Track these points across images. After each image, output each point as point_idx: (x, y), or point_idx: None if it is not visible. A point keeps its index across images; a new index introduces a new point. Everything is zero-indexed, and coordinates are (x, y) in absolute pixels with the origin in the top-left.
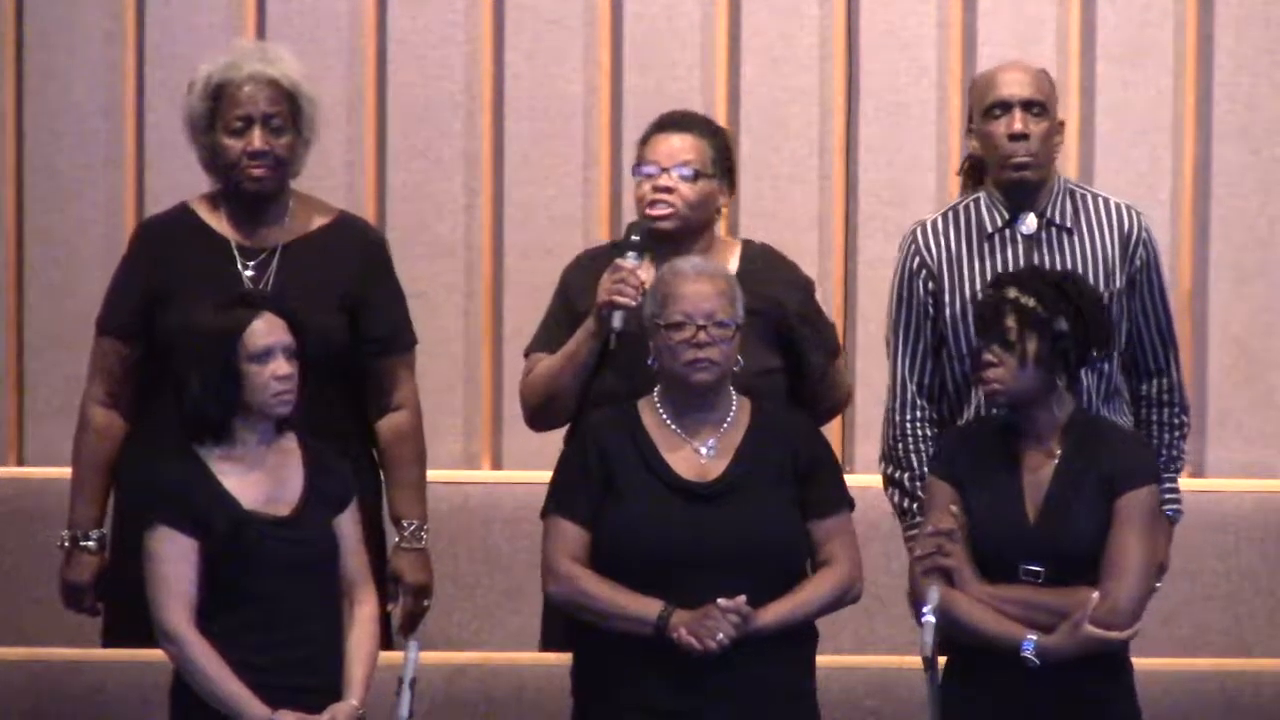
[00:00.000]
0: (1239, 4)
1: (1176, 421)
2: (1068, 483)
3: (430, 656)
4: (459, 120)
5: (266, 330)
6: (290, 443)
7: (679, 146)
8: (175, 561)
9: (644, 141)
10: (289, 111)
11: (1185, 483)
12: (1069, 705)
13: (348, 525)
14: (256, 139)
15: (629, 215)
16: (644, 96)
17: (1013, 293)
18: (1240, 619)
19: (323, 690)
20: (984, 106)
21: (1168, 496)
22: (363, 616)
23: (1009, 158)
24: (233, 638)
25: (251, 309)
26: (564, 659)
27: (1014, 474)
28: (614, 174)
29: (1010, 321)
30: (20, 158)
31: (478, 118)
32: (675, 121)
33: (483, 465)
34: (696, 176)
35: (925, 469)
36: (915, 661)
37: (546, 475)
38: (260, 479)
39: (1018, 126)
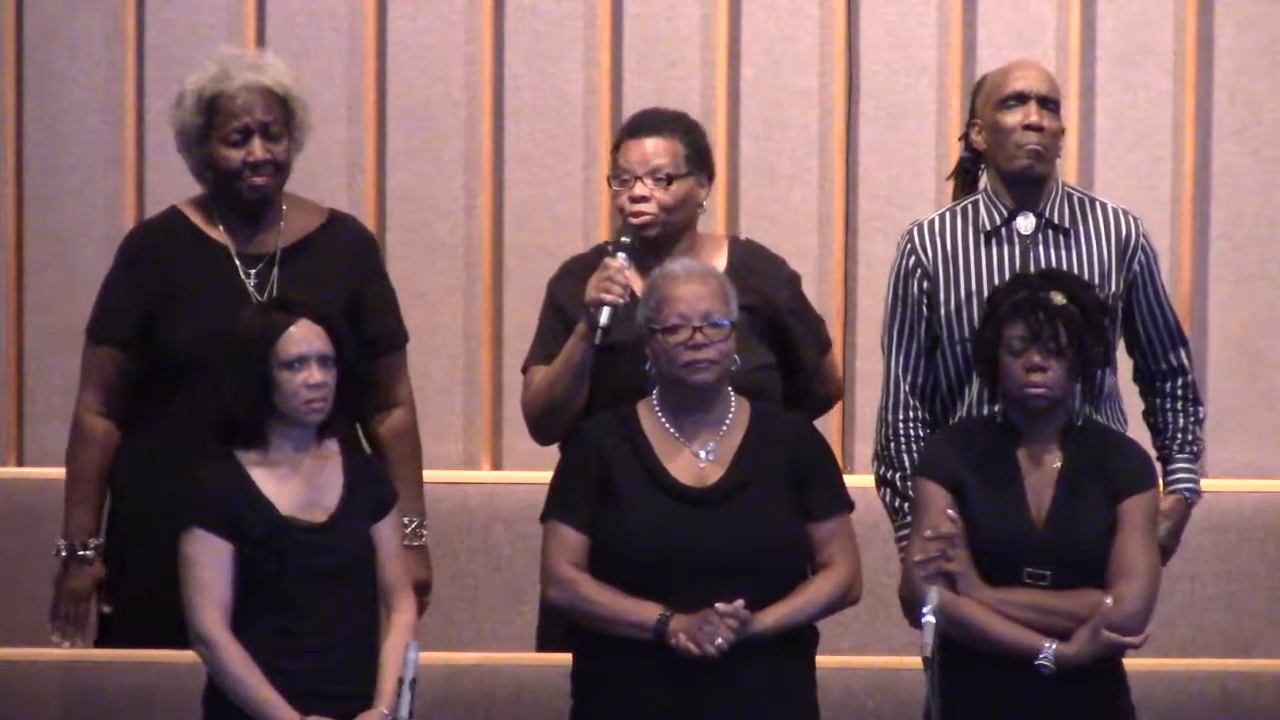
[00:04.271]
0: (1239, 4)
1: (1192, 410)
2: (1073, 487)
3: (430, 656)
4: (459, 120)
5: (301, 337)
6: (332, 449)
7: (650, 151)
8: (210, 565)
9: (616, 148)
10: (283, 117)
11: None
12: (1065, 705)
13: (387, 532)
14: (258, 149)
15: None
16: (644, 96)
17: (1060, 299)
18: (1240, 619)
19: (355, 697)
20: (999, 98)
21: (1185, 476)
22: (399, 624)
23: (1022, 146)
24: (266, 643)
25: (289, 315)
26: (564, 660)
27: (1016, 477)
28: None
29: (1061, 329)
30: (20, 158)
31: (478, 118)
32: (644, 125)
33: (483, 466)
34: (670, 180)
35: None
36: (915, 661)
37: (547, 476)
38: (297, 485)
39: (1034, 118)
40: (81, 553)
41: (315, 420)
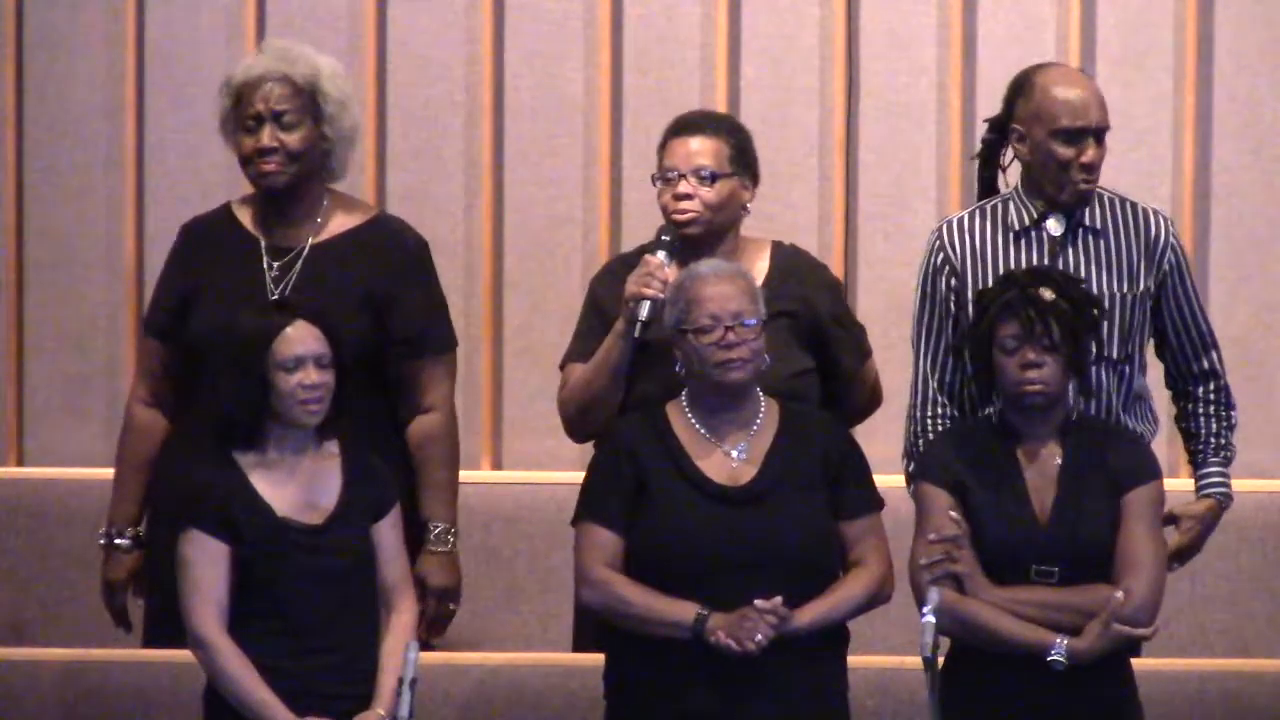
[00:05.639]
0: (1239, 4)
1: (1224, 414)
2: (1075, 482)
3: (430, 656)
4: (459, 121)
5: (298, 339)
6: (331, 450)
7: (695, 150)
8: (206, 566)
9: (661, 147)
10: (304, 107)
11: (1184, 483)
12: (1070, 704)
13: (387, 532)
14: (265, 135)
15: (630, 215)
16: (644, 96)
17: (1049, 295)
18: (1240, 619)
19: (353, 697)
20: (1056, 128)
21: (1219, 480)
22: (399, 624)
23: (1075, 183)
24: (263, 643)
25: (286, 316)
26: (564, 659)
27: (1017, 476)
28: (614, 174)
29: (1053, 325)
30: (20, 158)
31: (478, 118)
32: (689, 124)
33: (482, 465)
34: (714, 178)
35: None
36: (915, 661)
37: (547, 476)
38: (295, 486)
39: (1090, 155)
40: (117, 541)
41: (312, 422)
